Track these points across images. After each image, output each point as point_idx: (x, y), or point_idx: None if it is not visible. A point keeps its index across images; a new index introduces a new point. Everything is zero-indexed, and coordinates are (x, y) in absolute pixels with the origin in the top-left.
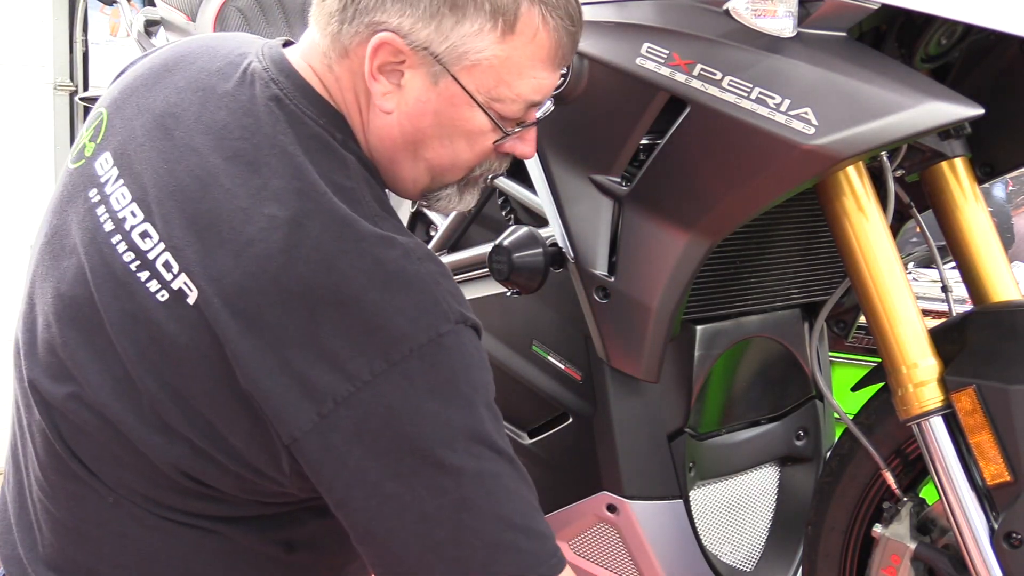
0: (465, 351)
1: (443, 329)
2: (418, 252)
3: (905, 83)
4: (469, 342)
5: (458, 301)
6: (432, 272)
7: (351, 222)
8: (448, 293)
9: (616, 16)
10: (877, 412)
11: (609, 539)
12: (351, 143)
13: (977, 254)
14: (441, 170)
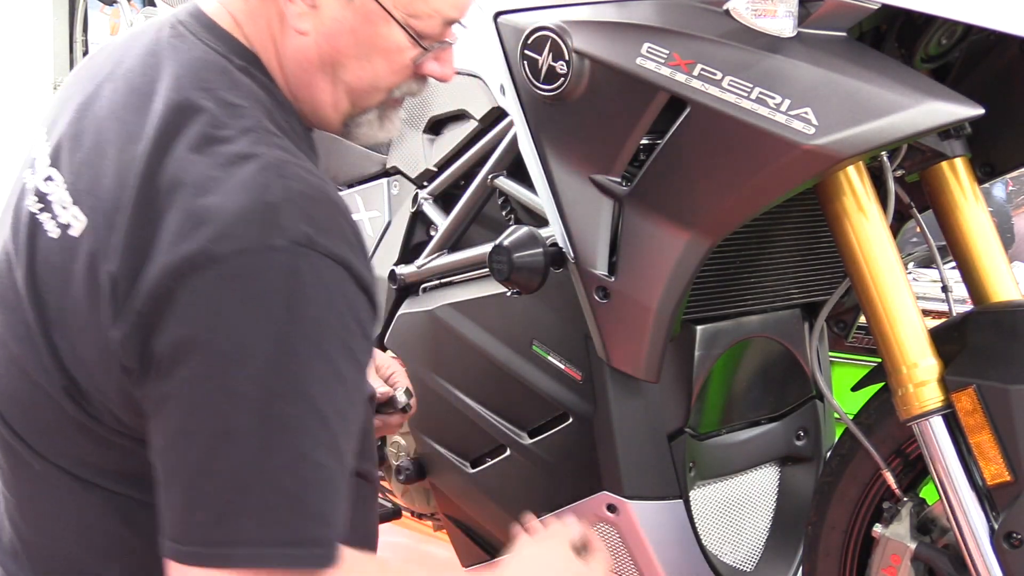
0: (296, 274)
1: (276, 242)
2: (284, 168)
3: (905, 83)
4: (308, 267)
5: (313, 225)
6: (292, 188)
7: (218, 138)
8: (301, 213)
9: (616, 16)
10: (877, 412)
11: (609, 539)
12: (253, 70)
13: (977, 254)
14: (361, 92)
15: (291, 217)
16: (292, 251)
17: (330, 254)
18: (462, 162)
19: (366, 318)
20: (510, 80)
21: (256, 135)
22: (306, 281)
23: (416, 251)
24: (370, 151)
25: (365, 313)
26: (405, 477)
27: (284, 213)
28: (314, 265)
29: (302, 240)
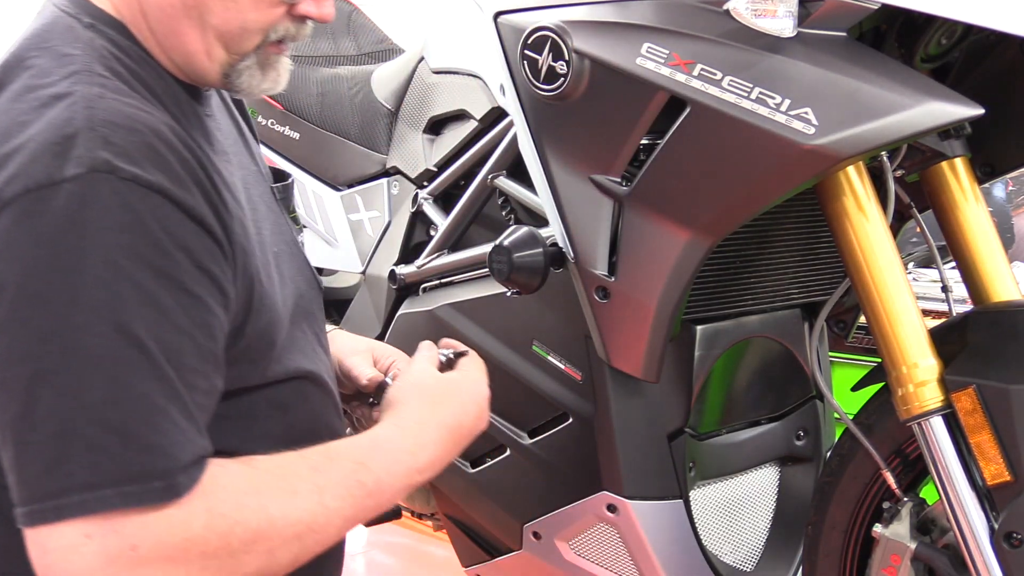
0: (92, 201)
1: (68, 172)
2: (95, 102)
3: (905, 83)
4: (108, 193)
5: (114, 151)
6: (96, 119)
7: (38, 85)
8: (101, 139)
9: (616, 16)
10: (877, 412)
11: (609, 539)
12: (101, 26)
13: (977, 254)
14: (232, 36)
15: (88, 145)
16: (85, 179)
17: (135, 178)
18: (462, 162)
19: (196, 246)
20: (510, 80)
21: (78, 76)
22: (103, 207)
23: (416, 251)
24: (370, 151)
25: (195, 241)
26: None
27: (80, 142)
28: (115, 190)
29: (100, 167)
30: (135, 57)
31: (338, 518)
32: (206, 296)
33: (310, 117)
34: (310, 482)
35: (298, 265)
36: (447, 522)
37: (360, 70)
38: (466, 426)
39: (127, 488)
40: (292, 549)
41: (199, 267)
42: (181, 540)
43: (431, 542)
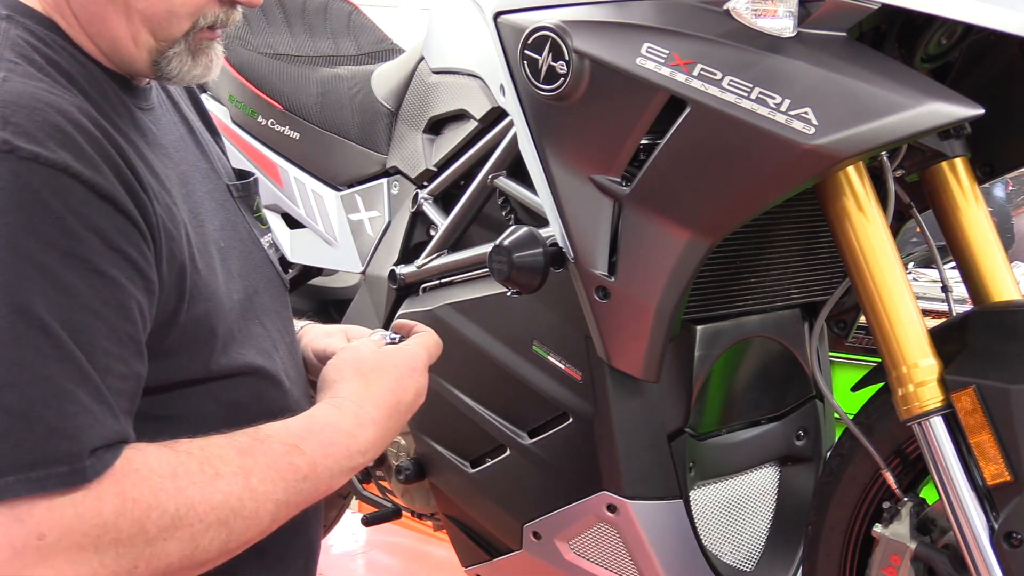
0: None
1: None
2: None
3: (905, 83)
4: (7, 173)
5: (14, 131)
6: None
7: None
8: (1, 120)
9: (616, 16)
10: (877, 412)
11: (609, 539)
12: (17, 16)
13: (977, 254)
14: (159, 21)
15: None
16: None
17: (36, 157)
18: (462, 162)
19: (107, 226)
20: (510, 80)
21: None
22: (4, 187)
23: (416, 251)
24: (370, 151)
25: (105, 220)
26: (405, 477)
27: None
28: (14, 170)
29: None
30: (54, 46)
31: (268, 502)
32: (121, 277)
33: (310, 117)
34: (235, 464)
35: (255, 263)
36: (447, 522)
37: (360, 70)
38: (405, 401)
39: (31, 474)
40: (218, 535)
41: (111, 247)
42: (91, 527)
43: (431, 542)
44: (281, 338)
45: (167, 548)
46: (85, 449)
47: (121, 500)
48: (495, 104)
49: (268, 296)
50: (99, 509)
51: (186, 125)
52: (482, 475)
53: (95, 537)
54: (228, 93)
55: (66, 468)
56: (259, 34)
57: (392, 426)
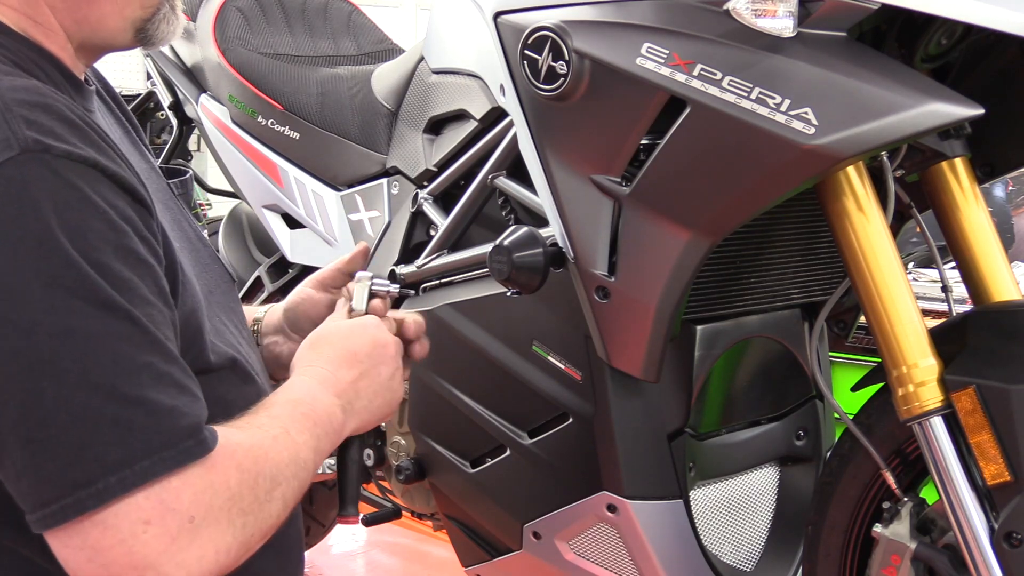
0: (35, 181)
1: (1, 157)
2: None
3: (905, 83)
4: (47, 172)
5: (39, 129)
6: (5, 100)
7: None
8: (23, 119)
9: (616, 16)
10: (877, 412)
11: (609, 539)
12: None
13: (977, 254)
14: None
15: (12, 127)
16: (20, 161)
17: (69, 154)
18: (462, 162)
19: (134, 216)
20: (510, 80)
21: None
22: (47, 187)
23: (416, 251)
24: (370, 151)
25: (131, 210)
26: (405, 477)
27: (2, 125)
28: (52, 168)
29: (31, 146)
30: (13, 48)
31: (308, 450)
32: (155, 264)
33: (310, 117)
34: (276, 426)
35: (204, 260)
36: (447, 522)
37: (360, 70)
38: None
39: (164, 454)
40: (294, 488)
41: (141, 236)
42: (224, 500)
43: (431, 542)
44: (240, 333)
45: (271, 509)
46: (199, 422)
47: (239, 473)
48: (495, 104)
49: (220, 293)
50: (227, 483)
51: (122, 125)
52: (482, 475)
53: (227, 510)
54: (228, 93)
55: (191, 442)
56: (259, 34)
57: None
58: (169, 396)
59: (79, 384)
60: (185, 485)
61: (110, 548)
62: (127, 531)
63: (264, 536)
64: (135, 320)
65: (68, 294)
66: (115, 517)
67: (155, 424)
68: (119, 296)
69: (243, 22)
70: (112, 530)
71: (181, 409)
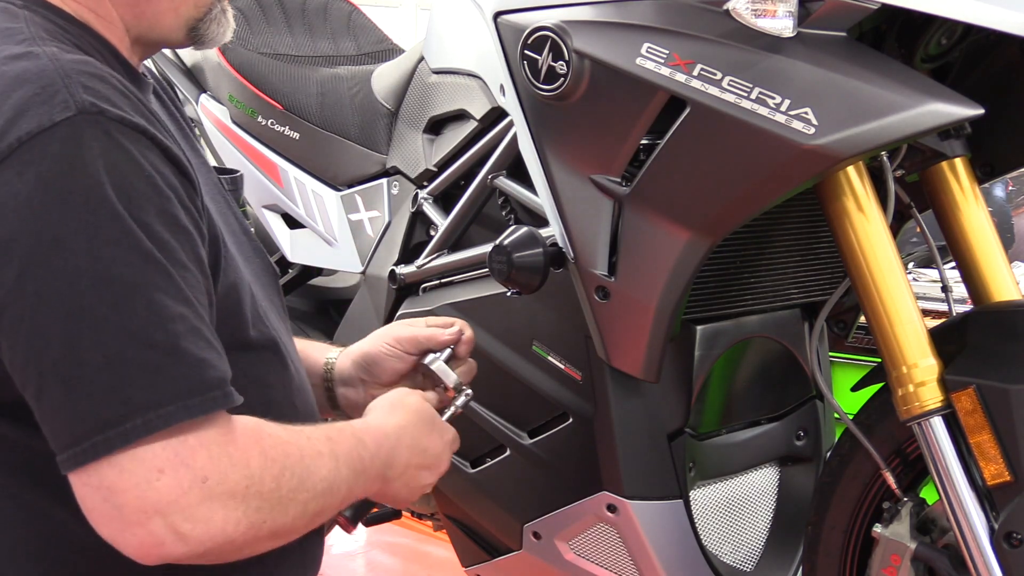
0: (90, 140)
1: (57, 117)
2: (58, 56)
3: (905, 83)
4: (101, 133)
5: (96, 95)
6: (66, 69)
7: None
8: (80, 85)
9: (616, 16)
10: (877, 412)
11: (609, 539)
12: (34, 6)
13: (977, 254)
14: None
15: (69, 90)
16: (75, 121)
17: (121, 119)
18: (462, 162)
19: (178, 185)
20: (510, 80)
21: (30, 40)
22: (100, 146)
23: (416, 251)
24: (370, 151)
25: (176, 180)
26: None
27: (61, 89)
28: (105, 130)
29: (87, 108)
30: (74, 33)
31: (345, 484)
32: (195, 233)
33: (310, 117)
34: (328, 447)
35: (247, 254)
36: (447, 522)
37: (360, 70)
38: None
39: (189, 401)
40: (319, 504)
41: (183, 204)
42: (241, 477)
43: (431, 542)
44: (281, 324)
45: (288, 509)
46: (226, 376)
47: (263, 458)
48: (495, 104)
49: (260, 285)
50: (247, 462)
51: (176, 120)
52: (482, 475)
53: (244, 487)
54: (228, 93)
55: (218, 392)
56: (259, 34)
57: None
58: (199, 348)
59: (115, 330)
60: (202, 446)
61: (124, 491)
62: (141, 476)
63: (277, 532)
64: (170, 274)
65: (110, 244)
66: (132, 461)
67: (184, 372)
68: (155, 250)
69: (243, 22)
70: (127, 473)
71: (210, 361)
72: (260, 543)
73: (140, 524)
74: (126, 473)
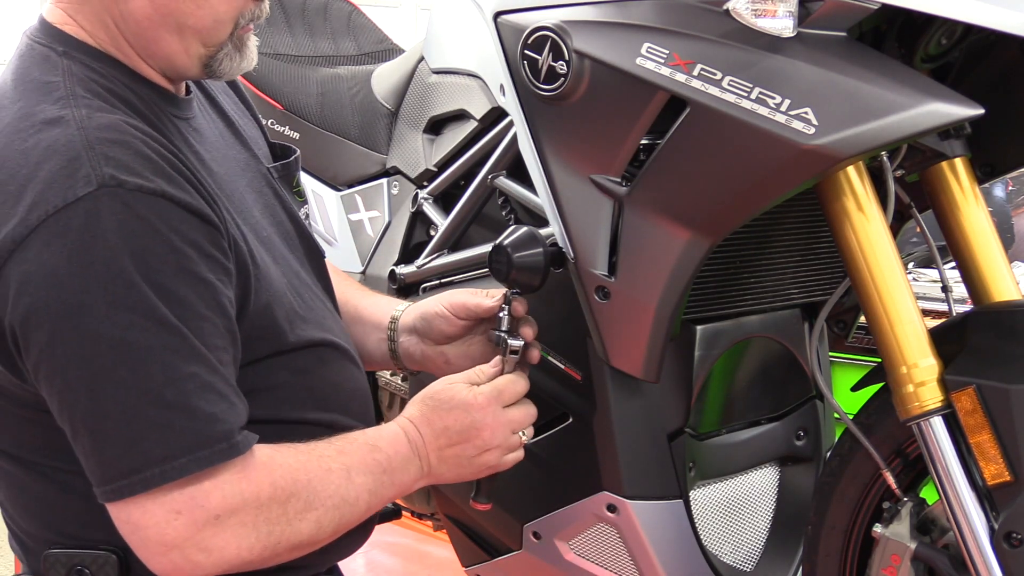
0: (108, 214)
1: (80, 192)
2: (86, 123)
3: (905, 83)
4: (119, 205)
5: (115, 165)
6: (91, 139)
7: (30, 114)
8: (103, 156)
9: (616, 16)
10: (877, 412)
11: (609, 539)
12: (74, 52)
13: (977, 254)
14: (207, 32)
15: (92, 164)
16: (96, 196)
17: (140, 188)
18: (462, 162)
19: (201, 237)
20: (510, 80)
21: (64, 101)
22: (118, 219)
23: (416, 251)
24: (370, 151)
25: (198, 233)
26: None
27: (84, 163)
28: (124, 202)
29: (107, 182)
30: (108, 76)
31: (364, 492)
32: (215, 280)
33: (310, 117)
34: (338, 462)
35: (294, 242)
36: (447, 522)
37: (360, 70)
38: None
39: (199, 454)
40: (333, 518)
41: (206, 255)
42: (252, 508)
43: (431, 542)
44: (324, 306)
45: (300, 528)
46: (235, 428)
47: (273, 488)
48: (495, 104)
49: (306, 271)
50: (258, 495)
51: (224, 119)
52: None
53: (253, 516)
54: None
55: (224, 444)
56: (259, 34)
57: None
58: (209, 403)
59: (132, 390)
60: (216, 487)
61: (146, 527)
62: (161, 517)
63: (294, 547)
64: (183, 335)
65: (127, 311)
66: (153, 504)
67: (193, 427)
68: (172, 314)
69: None
70: (149, 514)
71: (218, 415)
72: (281, 557)
73: (162, 555)
74: (148, 514)
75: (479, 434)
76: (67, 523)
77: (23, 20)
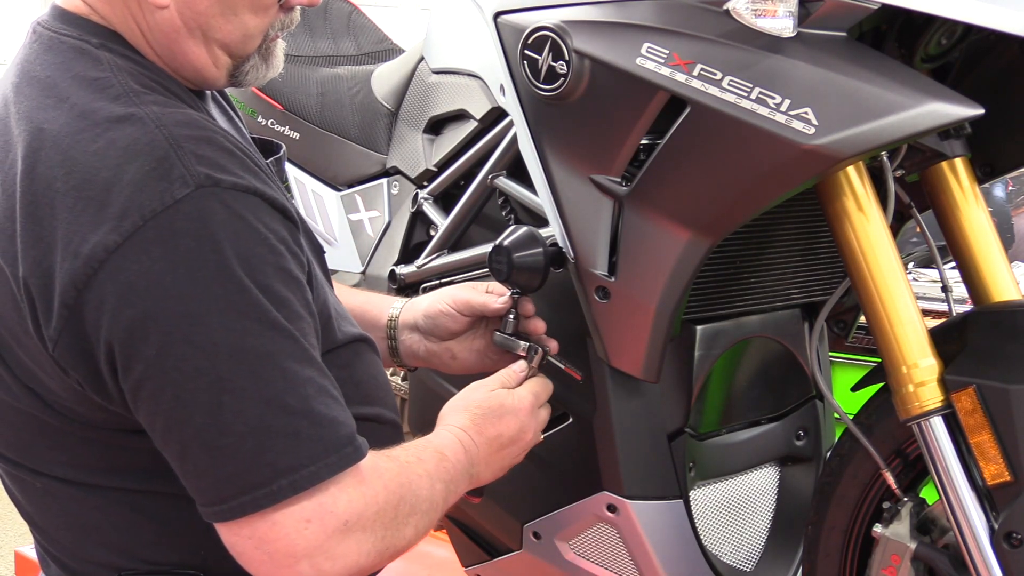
0: (210, 215)
1: (178, 194)
2: (162, 120)
3: (905, 83)
4: (219, 206)
5: (208, 164)
6: (175, 137)
7: (89, 112)
8: (193, 155)
9: (616, 16)
10: (877, 412)
11: (609, 539)
12: (112, 45)
13: (977, 254)
14: (236, 44)
15: (184, 163)
16: (195, 197)
17: (235, 186)
18: (462, 162)
19: (287, 234)
20: (510, 80)
21: (126, 98)
22: (220, 220)
23: (416, 251)
24: (370, 151)
25: (286, 230)
26: None
27: (175, 162)
28: (223, 201)
29: (204, 182)
30: (149, 68)
31: (440, 498)
32: (301, 277)
33: (310, 117)
34: (421, 468)
35: None
36: (447, 522)
37: (360, 70)
38: (506, 435)
39: (328, 460)
40: (425, 524)
41: (292, 252)
42: (373, 514)
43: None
44: (339, 300)
45: (404, 532)
46: (355, 431)
47: (387, 493)
48: (495, 104)
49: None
50: (376, 499)
51: (224, 113)
52: None
53: (373, 521)
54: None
55: (350, 448)
56: None
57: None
58: (328, 407)
59: (254, 399)
60: (341, 492)
61: (275, 540)
62: (291, 527)
63: (396, 552)
64: (295, 338)
65: (242, 317)
66: (281, 516)
67: (319, 433)
68: (281, 315)
69: None
70: (279, 526)
71: (339, 419)
72: (385, 563)
73: (288, 567)
74: (277, 526)
75: (524, 436)
76: (139, 546)
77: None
